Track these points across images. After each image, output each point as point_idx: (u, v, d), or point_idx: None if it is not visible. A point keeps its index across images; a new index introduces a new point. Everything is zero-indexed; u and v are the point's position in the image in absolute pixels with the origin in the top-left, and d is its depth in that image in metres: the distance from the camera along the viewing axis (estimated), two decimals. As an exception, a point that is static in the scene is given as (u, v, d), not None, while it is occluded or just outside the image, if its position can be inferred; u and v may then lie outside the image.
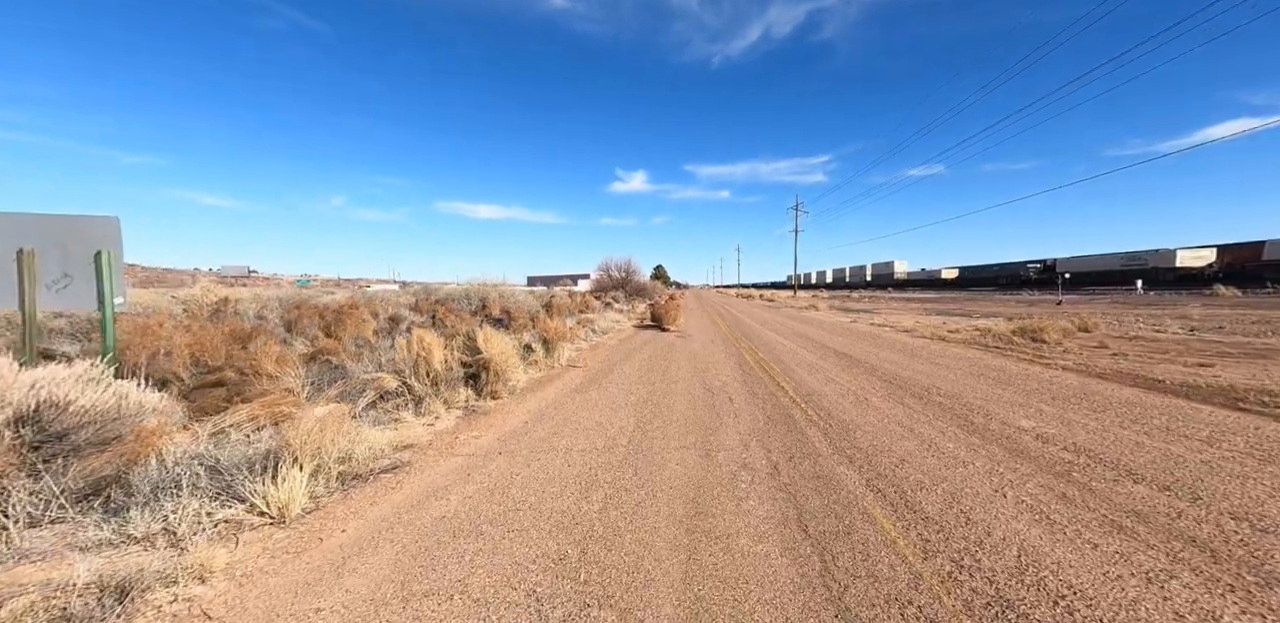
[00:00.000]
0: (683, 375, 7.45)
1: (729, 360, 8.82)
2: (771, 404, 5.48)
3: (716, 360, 8.85)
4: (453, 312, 12.64)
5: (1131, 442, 3.78)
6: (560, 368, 8.37)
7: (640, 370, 7.97)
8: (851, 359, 8.56)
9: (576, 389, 6.60)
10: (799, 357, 9.08)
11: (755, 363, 8.45)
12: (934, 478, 3.20)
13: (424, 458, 3.81)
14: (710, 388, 6.46)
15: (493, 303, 13.54)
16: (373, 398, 4.91)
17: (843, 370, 7.47)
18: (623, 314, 22.98)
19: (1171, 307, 20.25)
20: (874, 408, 5.13)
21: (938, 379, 6.52)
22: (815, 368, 7.76)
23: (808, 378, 6.90)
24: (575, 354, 10.05)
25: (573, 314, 17.65)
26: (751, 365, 8.21)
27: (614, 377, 7.45)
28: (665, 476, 3.46)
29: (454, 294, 14.61)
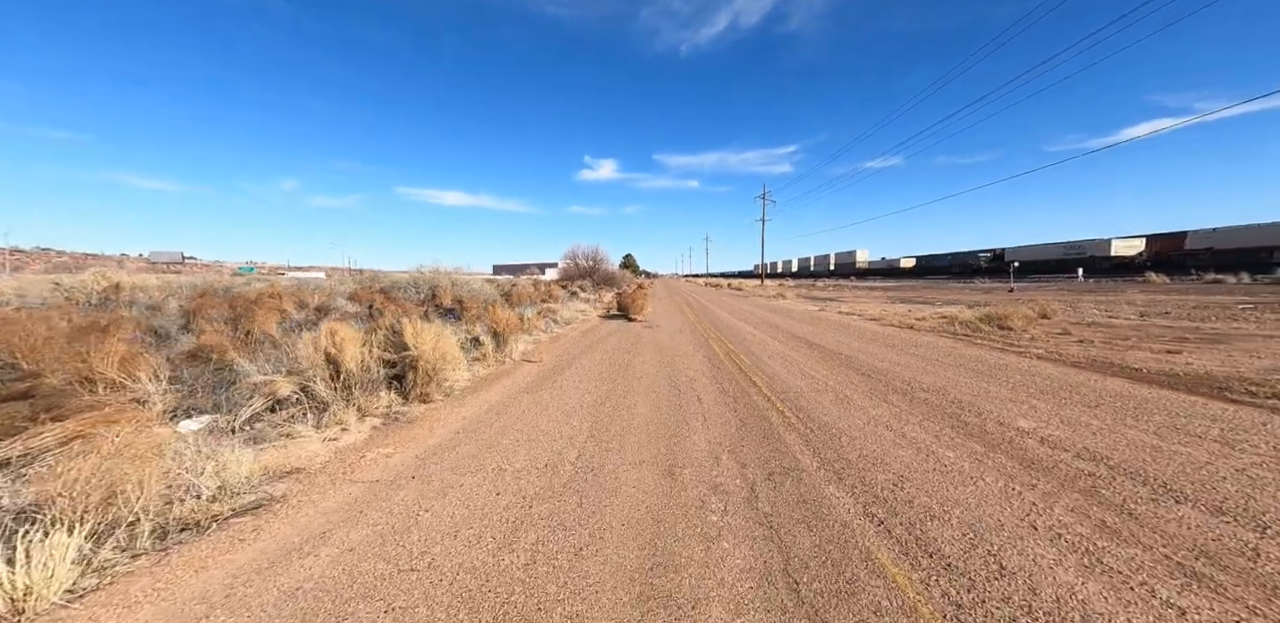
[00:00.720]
0: (647, 370, 6.77)
1: (697, 353, 8.20)
2: (744, 404, 4.87)
3: (684, 353, 8.21)
4: (396, 302, 11.48)
5: (1146, 445, 3.36)
6: (513, 363, 7.53)
7: (601, 365, 7.24)
8: (824, 350, 8.10)
9: (527, 388, 5.80)
10: (770, 348, 8.57)
11: (725, 355, 7.87)
12: (943, 502, 2.64)
13: (308, 489, 2.96)
14: (677, 385, 5.81)
15: (444, 292, 12.43)
16: (262, 407, 3.97)
17: (817, 363, 6.97)
18: (589, 303, 22.12)
19: (1112, 293, 21.17)
20: (857, 407, 4.59)
21: (917, 371, 6.10)
22: (788, 360, 7.24)
23: (781, 372, 6.35)
24: (532, 347, 9.21)
25: (534, 304, 16.67)
26: (721, 358, 7.62)
27: (571, 373, 6.68)
28: (617, 505, 2.76)
29: (401, 282, 13.37)
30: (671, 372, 6.63)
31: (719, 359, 7.52)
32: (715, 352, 8.26)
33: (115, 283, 8.50)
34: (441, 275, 13.67)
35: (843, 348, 8.28)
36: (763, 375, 6.17)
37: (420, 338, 5.16)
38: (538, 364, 7.46)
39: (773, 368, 6.65)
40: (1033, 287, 30.27)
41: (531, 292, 22.42)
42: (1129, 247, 42.53)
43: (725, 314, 16.37)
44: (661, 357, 7.89)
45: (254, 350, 5.14)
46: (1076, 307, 14.67)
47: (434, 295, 12.38)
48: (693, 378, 6.20)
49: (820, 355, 7.57)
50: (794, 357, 7.52)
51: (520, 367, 7.28)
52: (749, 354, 7.89)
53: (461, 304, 12.07)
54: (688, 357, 7.82)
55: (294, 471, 3.21)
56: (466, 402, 5.17)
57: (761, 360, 7.27)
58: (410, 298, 12.62)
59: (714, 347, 8.87)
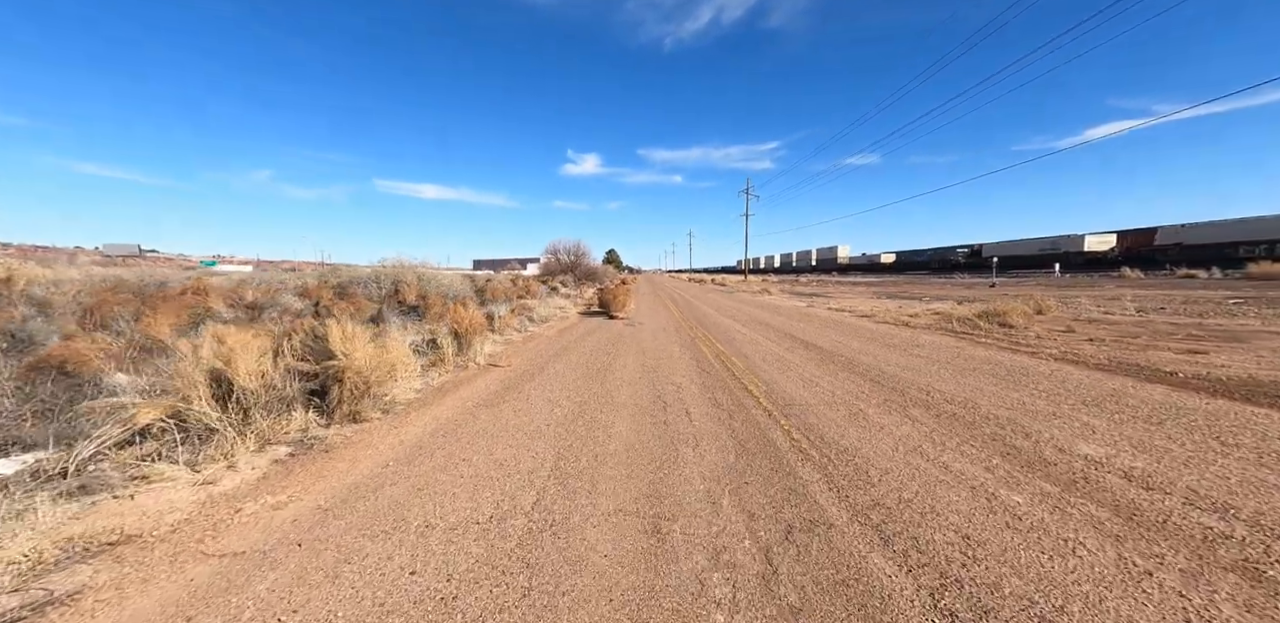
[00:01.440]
0: (628, 377, 5.93)
1: (684, 355, 7.40)
2: (742, 420, 4.09)
3: (670, 355, 7.40)
4: (352, 298, 10.38)
5: (1269, 485, 2.66)
6: (476, 369, 6.60)
7: (576, 370, 6.37)
8: (823, 351, 7.39)
9: (486, 401, 4.90)
10: (763, 349, 7.82)
11: (715, 358, 7.08)
12: (1046, 586, 1.87)
13: (126, 573, 2.04)
14: (661, 396, 4.99)
15: (408, 288, 11.35)
16: (119, 439, 3.00)
17: (818, 366, 6.24)
18: (569, 300, 21.17)
19: (1092, 288, 21.17)
20: (876, 425, 3.85)
21: (931, 376, 5.41)
22: (786, 364, 6.49)
23: (780, 378, 5.59)
24: (501, 349, 8.28)
25: (510, 301, 15.66)
26: (710, 361, 6.83)
27: (541, 380, 5.80)
28: (580, 594, 1.93)
29: (362, 277, 12.22)
30: (655, 379, 5.80)
31: (708, 363, 6.73)
32: (704, 354, 7.47)
33: (5, 277, 7.25)
34: (406, 269, 12.55)
35: (841, 348, 7.58)
36: (759, 383, 5.40)
37: (350, 344, 4.21)
38: (504, 369, 6.55)
39: (769, 373, 5.89)
40: (1012, 282, 30.42)
41: (509, 287, 21.32)
42: (1101, 242, 43.38)
43: (711, 311, 15.63)
44: (645, 360, 7.06)
45: (140, 361, 4.12)
46: (1069, 302, 14.36)
47: (396, 291, 11.30)
48: (680, 386, 5.39)
49: (819, 358, 6.84)
50: (791, 359, 6.78)
51: (484, 373, 6.37)
52: (741, 356, 7.12)
53: (426, 301, 11.03)
54: (674, 360, 7.00)
55: (125, 538, 2.27)
56: (409, 421, 4.25)
57: (756, 364, 6.51)
58: (371, 294, 11.51)
59: (702, 348, 8.08)
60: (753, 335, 9.44)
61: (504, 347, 8.62)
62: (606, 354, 7.58)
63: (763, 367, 6.32)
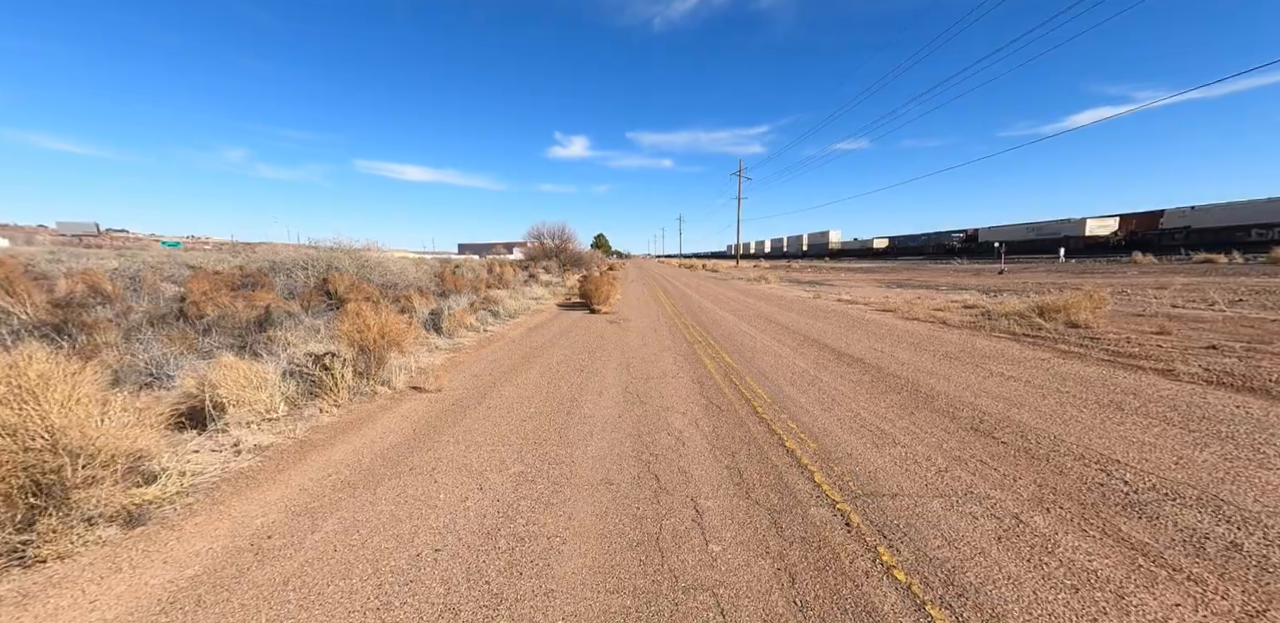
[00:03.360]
0: (603, 415, 4.06)
1: (682, 372, 5.54)
2: (791, 522, 2.27)
3: (663, 372, 5.53)
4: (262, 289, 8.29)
5: None
6: (388, 397, 4.67)
7: (530, 402, 4.48)
8: (866, 367, 5.58)
9: (363, 473, 3.00)
10: (784, 361, 5.99)
11: (724, 378, 5.24)
12: None
13: None
14: (652, 461, 3.13)
15: (339, 277, 9.26)
16: None
17: (875, 397, 4.42)
18: (550, 288, 19.16)
19: (1112, 275, 19.72)
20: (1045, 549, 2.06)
21: (1064, 422, 3.60)
22: (824, 390, 4.67)
23: (828, 421, 3.77)
24: (442, 360, 6.34)
25: (476, 291, 13.61)
26: (719, 385, 4.98)
27: (471, 424, 3.91)
28: None
29: (286, 262, 10.08)
30: (643, 420, 3.94)
31: (716, 388, 4.88)
32: (707, 370, 5.61)
33: None
34: (341, 253, 10.42)
35: (888, 362, 5.77)
36: (799, 428, 3.57)
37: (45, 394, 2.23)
38: (428, 398, 4.63)
39: (807, 408, 4.06)
40: (1020, 268, 29.01)
41: (483, 275, 19.19)
42: (1102, 226, 42.18)
43: (708, 303, 13.77)
44: (629, 381, 5.19)
45: None
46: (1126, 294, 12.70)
47: (325, 281, 9.21)
48: (680, 436, 3.53)
49: (869, 379, 5.02)
50: (829, 382, 4.95)
51: (395, 405, 4.45)
52: (758, 375, 5.28)
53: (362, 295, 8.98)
54: (668, 382, 5.13)
55: None
56: (180, 537, 2.34)
57: (782, 390, 4.67)
58: (296, 283, 9.40)
59: (703, 358, 6.22)
60: (764, 339, 7.60)
61: (447, 356, 6.69)
62: (578, 371, 5.69)
63: (794, 396, 4.48)
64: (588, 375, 5.50)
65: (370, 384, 4.81)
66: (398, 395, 4.76)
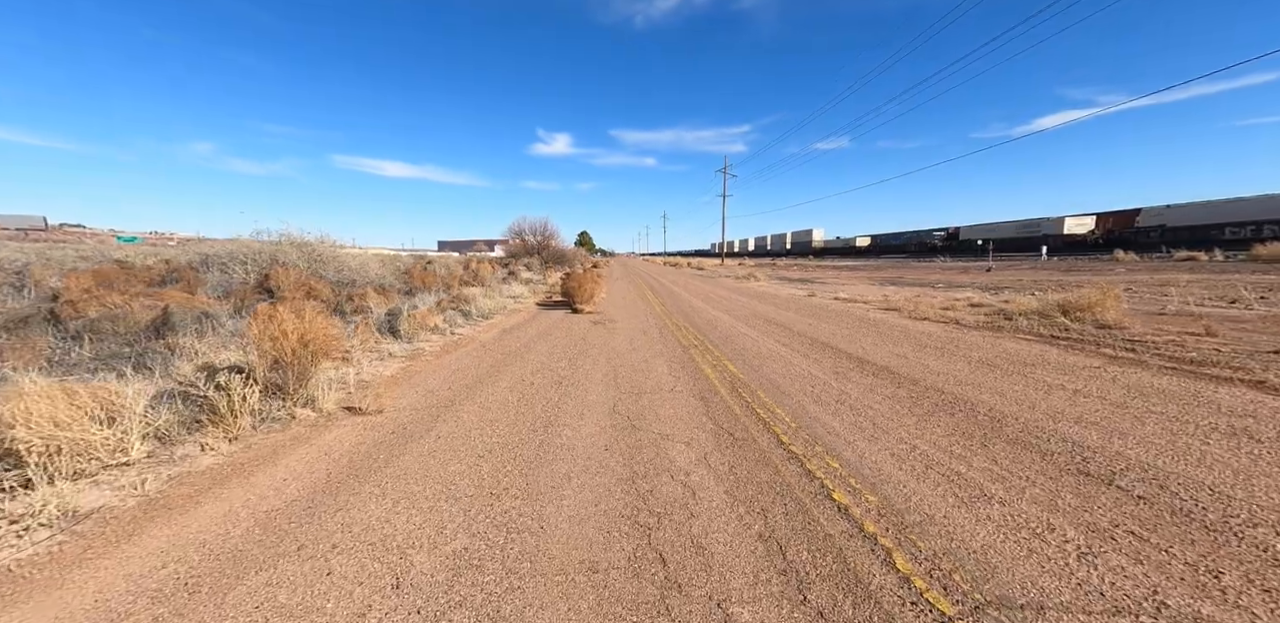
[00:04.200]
0: (586, 439, 3.14)
1: (680, 383, 4.63)
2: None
3: (658, 386, 4.61)
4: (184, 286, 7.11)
5: None
6: (310, 423, 3.66)
7: (498, 422, 3.53)
8: (896, 377, 4.76)
9: (229, 554, 2.02)
10: (795, 368, 5.14)
11: (728, 387, 4.35)
12: None
13: None
14: (651, 504, 2.23)
15: (283, 273, 8.09)
16: None
17: (904, 408, 3.60)
18: (530, 286, 18.07)
19: (1099, 273, 19.58)
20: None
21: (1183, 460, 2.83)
22: (848, 403, 3.83)
23: (870, 451, 2.92)
24: (394, 370, 5.31)
25: (447, 289, 12.49)
26: (724, 398, 4.09)
27: (416, 456, 2.94)
28: None
29: (222, 255, 8.84)
30: (636, 449, 3.02)
31: (722, 404, 3.98)
32: (709, 380, 4.71)
33: None
34: (288, 247, 9.21)
35: (914, 368, 4.97)
36: (844, 468, 2.70)
37: None
38: (364, 423, 3.63)
39: (845, 436, 3.20)
40: (1006, 266, 28.99)
41: (457, 272, 17.98)
42: (1080, 225, 42.81)
43: (699, 302, 12.91)
44: (617, 395, 4.26)
45: None
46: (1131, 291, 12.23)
47: (266, 278, 8.04)
48: (688, 476, 2.63)
49: (902, 392, 4.19)
50: (857, 396, 4.10)
51: (318, 433, 3.44)
52: (769, 386, 4.41)
53: (311, 293, 7.84)
54: (664, 397, 4.22)
55: None
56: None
57: (805, 409, 3.81)
58: (232, 279, 8.20)
59: (703, 367, 5.32)
60: (768, 343, 6.75)
61: (401, 365, 5.66)
62: (556, 383, 4.73)
63: (823, 418, 3.61)
64: (567, 389, 4.55)
65: (288, 406, 3.78)
66: (323, 421, 3.74)
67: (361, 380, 4.90)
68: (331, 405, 3.99)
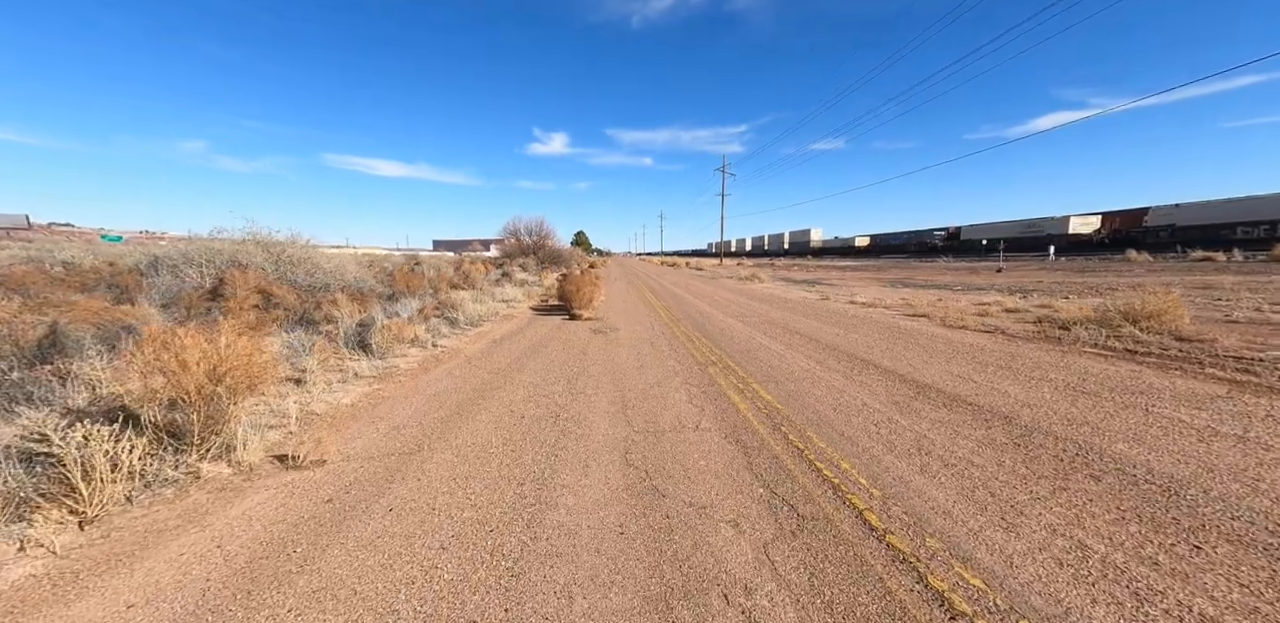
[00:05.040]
0: (592, 517, 2.19)
1: (703, 413, 3.68)
2: None
3: (676, 415, 3.66)
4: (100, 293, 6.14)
5: None
6: (220, 486, 2.70)
7: (473, 482, 2.57)
8: (966, 407, 3.84)
9: None
10: (843, 396, 4.21)
11: (768, 425, 3.41)
12: None
13: None
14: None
15: (240, 276, 7.10)
16: None
17: (1021, 465, 2.69)
18: (525, 288, 17.09)
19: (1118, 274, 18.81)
20: None
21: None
22: (938, 456, 2.91)
23: (1019, 552, 2.00)
24: (351, 400, 4.33)
25: (436, 293, 11.51)
26: (766, 443, 3.15)
27: (350, 549, 1.98)
28: None
29: (174, 258, 7.84)
30: (664, 536, 2.08)
31: (769, 455, 3.04)
32: (740, 413, 3.77)
33: None
34: (252, 247, 8.21)
35: (991, 397, 4.05)
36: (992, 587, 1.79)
37: None
38: (293, 485, 2.67)
39: (965, 521, 2.28)
40: (1014, 266, 28.24)
41: (447, 274, 16.97)
42: (1085, 224, 42.19)
43: (705, 306, 11.98)
44: (629, 436, 3.31)
45: None
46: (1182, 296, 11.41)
47: (221, 282, 7.05)
48: (746, 593, 1.70)
49: (999, 435, 3.27)
50: (942, 443, 3.18)
51: (222, 505, 2.48)
52: (821, 424, 3.47)
53: (270, 298, 6.85)
54: (689, 440, 3.27)
55: None
56: None
57: (884, 465, 2.87)
58: (188, 284, 7.21)
59: (728, 392, 4.38)
60: (796, 359, 5.82)
61: (366, 390, 4.70)
62: (551, 417, 3.78)
63: (916, 482, 2.69)
64: (565, 426, 3.61)
65: (195, 459, 2.82)
66: (237, 482, 2.79)
67: (309, 414, 3.94)
68: (255, 456, 3.03)
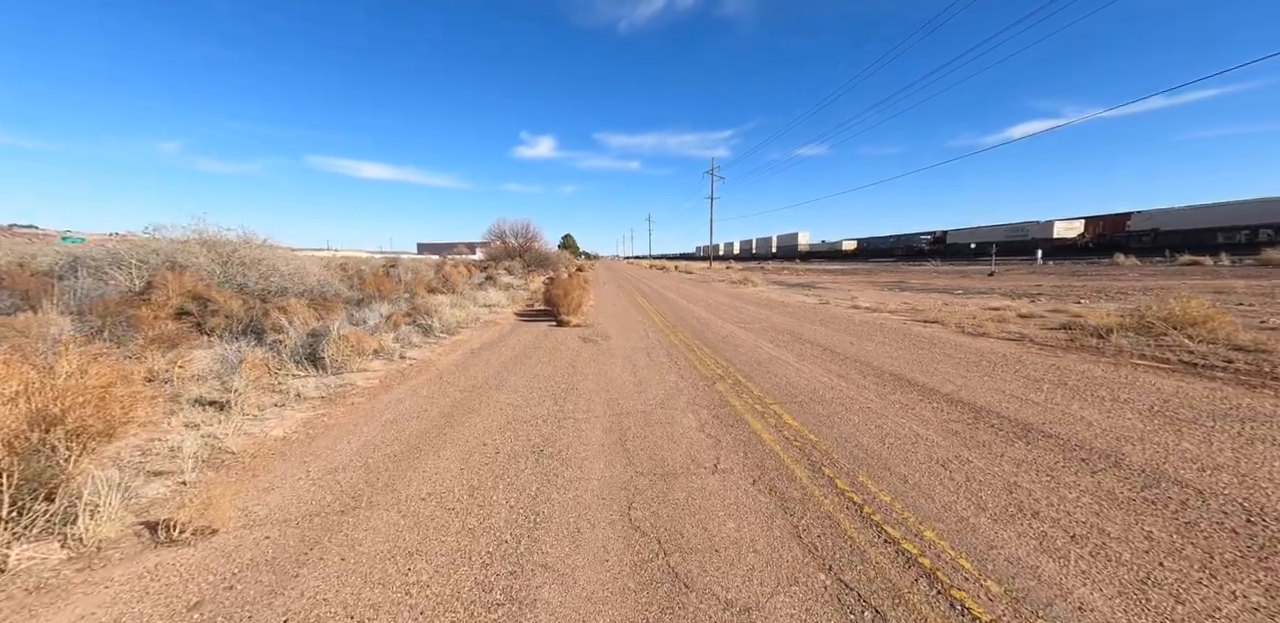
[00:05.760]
0: None
1: (720, 448, 2.92)
2: None
3: (687, 450, 2.89)
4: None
5: None
6: (40, 581, 1.86)
7: (417, 563, 1.76)
8: (1047, 439, 3.16)
9: None
10: (885, 422, 3.49)
11: (804, 463, 2.66)
12: None
13: None
14: None
15: (174, 279, 6.16)
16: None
17: (1174, 536, 2.01)
18: (509, 292, 16.21)
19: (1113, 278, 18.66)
20: None
21: None
22: (1047, 517, 2.20)
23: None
24: (284, 432, 3.46)
25: (413, 298, 10.59)
26: (809, 491, 2.40)
27: None
28: None
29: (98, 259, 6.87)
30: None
31: (814, 507, 2.29)
32: (769, 449, 3.02)
33: None
34: (195, 246, 7.26)
35: (1065, 424, 3.38)
36: None
37: None
38: (165, 565, 1.82)
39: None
40: (1004, 270, 28.17)
41: (424, 277, 16.00)
42: (1069, 228, 42.65)
43: (701, 311, 11.26)
44: (630, 481, 2.53)
45: None
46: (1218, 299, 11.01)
47: (150, 286, 6.12)
48: None
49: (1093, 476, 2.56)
50: (1033, 489, 2.46)
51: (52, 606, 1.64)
52: (875, 466, 2.74)
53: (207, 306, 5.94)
54: (706, 485, 2.51)
55: None
56: None
57: (975, 528, 2.14)
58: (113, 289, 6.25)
59: (744, 414, 3.63)
60: (816, 373, 5.10)
61: (307, 416, 3.85)
62: (533, 452, 2.99)
63: (1035, 562, 1.97)
64: (550, 468, 2.83)
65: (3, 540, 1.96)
66: (69, 573, 1.94)
67: (220, 452, 3.09)
68: (112, 527, 2.18)
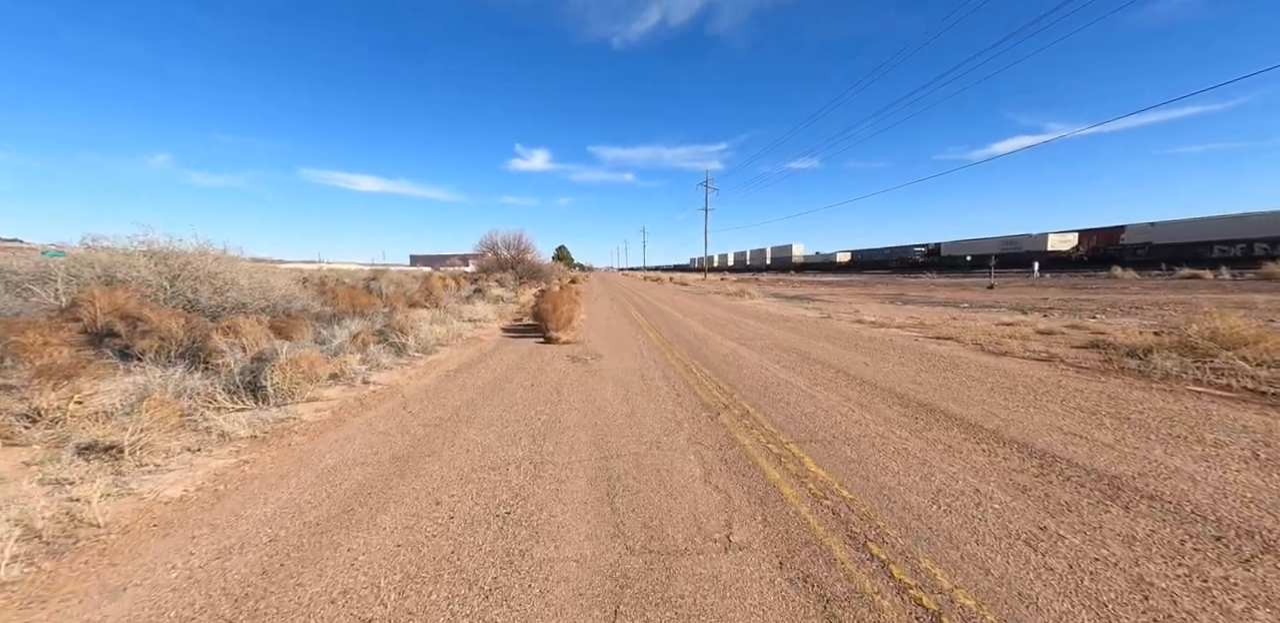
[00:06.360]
0: None
1: (736, 511, 2.24)
2: None
3: (693, 512, 2.21)
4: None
5: None
6: None
7: None
8: (1148, 500, 2.53)
9: None
10: (926, 469, 2.86)
11: (841, 535, 1.99)
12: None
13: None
14: None
15: (104, 296, 5.45)
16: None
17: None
18: (498, 305, 15.51)
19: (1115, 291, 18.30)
20: None
21: None
22: None
23: None
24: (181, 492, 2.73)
25: (389, 313, 9.88)
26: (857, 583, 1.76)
27: None
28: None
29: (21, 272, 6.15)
30: None
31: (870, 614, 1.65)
32: (795, 511, 2.34)
33: None
34: (139, 258, 6.55)
35: (1157, 476, 2.76)
36: None
37: None
38: None
39: None
40: (1002, 283, 27.89)
41: (403, 290, 15.28)
42: (1063, 241, 42.77)
43: (699, 326, 10.62)
44: (618, 567, 1.83)
45: None
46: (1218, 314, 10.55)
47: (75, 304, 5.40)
48: None
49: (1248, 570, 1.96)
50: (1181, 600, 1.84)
51: None
52: (929, 538, 2.08)
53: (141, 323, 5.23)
54: (721, 572, 1.80)
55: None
56: None
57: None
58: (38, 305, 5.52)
59: (758, 458, 2.97)
60: (833, 402, 4.45)
61: (231, 460, 3.13)
62: (495, 518, 2.29)
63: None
64: (516, 544, 2.14)
65: None
66: None
67: (81, 525, 2.38)
68: None
